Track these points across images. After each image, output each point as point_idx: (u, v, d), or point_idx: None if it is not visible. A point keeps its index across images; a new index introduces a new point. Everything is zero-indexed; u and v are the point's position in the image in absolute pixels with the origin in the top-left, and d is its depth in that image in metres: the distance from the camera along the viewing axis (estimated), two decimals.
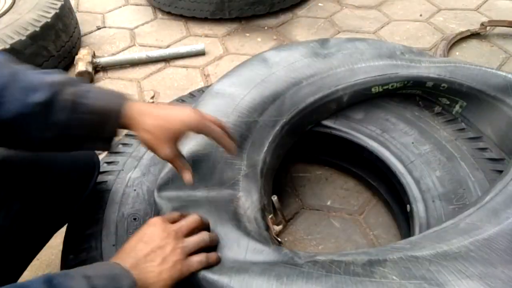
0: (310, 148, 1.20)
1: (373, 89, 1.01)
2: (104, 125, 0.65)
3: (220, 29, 2.00)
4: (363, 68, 1.01)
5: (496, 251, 0.57)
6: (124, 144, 1.00)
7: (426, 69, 0.99)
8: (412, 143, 0.96)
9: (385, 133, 1.00)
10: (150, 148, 0.68)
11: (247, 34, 1.96)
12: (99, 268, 0.57)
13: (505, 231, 0.59)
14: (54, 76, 0.62)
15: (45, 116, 0.60)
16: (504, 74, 0.93)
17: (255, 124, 0.91)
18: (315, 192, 1.17)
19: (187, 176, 0.71)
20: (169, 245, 0.61)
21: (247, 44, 1.88)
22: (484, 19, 1.87)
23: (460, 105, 1.00)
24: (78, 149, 0.69)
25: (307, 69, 1.01)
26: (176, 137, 0.68)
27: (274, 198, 0.90)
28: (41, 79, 0.60)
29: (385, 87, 1.01)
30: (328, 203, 1.14)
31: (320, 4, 2.17)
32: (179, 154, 0.71)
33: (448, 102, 1.02)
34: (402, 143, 0.97)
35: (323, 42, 1.10)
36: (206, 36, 1.97)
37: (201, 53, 1.82)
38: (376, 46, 1.07)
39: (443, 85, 0.99)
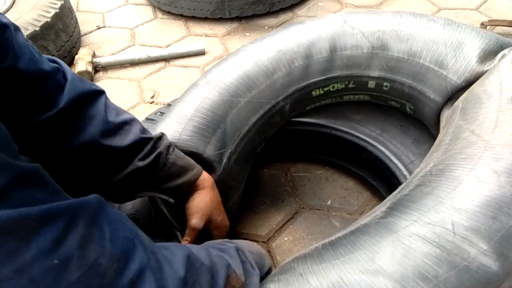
0: (310, 148, 1.20)
1: (313, 93, 0.97)
2: (188, 170, 0.75)
3: (220, 29, 2.00)
4: (300, 68, 0.93)
5: None
6: None
7: (367, 67, 0.92)
8: (412, 142, 0.96)
9: (385, 133, 1.00)
10: (191, 212, 0.76)
11: (247, 34, 1.96)
12: (247, 244, 0.68)
13: None
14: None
15: (153, 148, 0.70)
16: (445, 74, 0.82)
17: (200, 161, 0.83)
18: (315, 192, 1.17)
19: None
20: None
21: None
22: (484, 19, 1.87)
23: (409, 107, 0.94)
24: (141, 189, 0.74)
25: (241, 82, 0.91)
26: (209, 221, 0.77)
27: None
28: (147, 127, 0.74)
29: (325, 89, 0.96)
30: (328, 202, 1.14)
31: (320, 4, 2.17)
32: (200, 232, 0.77)
33: (398, 106, 0.97)
34: (402, 143, 0.97)
35: (253, 42, 1.00)
36: (206, 35, 1.97)
37: (201, 53, 1.82)
38: (315, 29, 0.95)
39: (385, 84, 0.92)
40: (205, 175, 0.79)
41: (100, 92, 0.67)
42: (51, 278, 0.34)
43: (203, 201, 0.77)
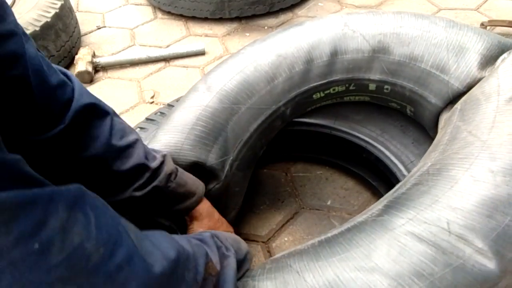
0: (310, 148, 1.21)
1: (314, 96, 0.97)
2: (187, 198, 0.76)
3: (220, 29, 2.00)
4: (301, 73, 0.93)
5: None
6: None
7: (367, 70, 0.92)
8: (412, 143, 0.96)
9: (385, 133, 1.00)
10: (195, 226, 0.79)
11: (247, 34, 1.96)
12: (221, 232, 0.71)
13: None
14: (160, 151, 0.75)
15: (151, 178, 0.70)
16: (447, 79, 0.81)
17: (203, 170, 0.83)
18: (315, 192, 1.17)
19: None
20: None
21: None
22: (484, 19, 1.87)
23: (409, 109, 0.93)
24: (148, 213, 0.76)
25: (241, 88, 0.91)
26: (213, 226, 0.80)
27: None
28: (154, 150, 0.74)
29: (326, 92, 0.96)
30: (328, 203, 1.14)
31: (320, 4, 2.17)
32: None
33: (398, 107, 0.96)
34: (401, 143, 0.97)
35: (253, 44, 1.00)
36: (206, 35, 1.97)
37: (201, 53, 1.82)
38: (315, 33, 0.95)
39: (386, 87, 0.92)
40: (202, 205, 0.79)
41: (107, 112, 0.67)
42: (32, 261, 0.34)
43: (214, 221, 0.81)
